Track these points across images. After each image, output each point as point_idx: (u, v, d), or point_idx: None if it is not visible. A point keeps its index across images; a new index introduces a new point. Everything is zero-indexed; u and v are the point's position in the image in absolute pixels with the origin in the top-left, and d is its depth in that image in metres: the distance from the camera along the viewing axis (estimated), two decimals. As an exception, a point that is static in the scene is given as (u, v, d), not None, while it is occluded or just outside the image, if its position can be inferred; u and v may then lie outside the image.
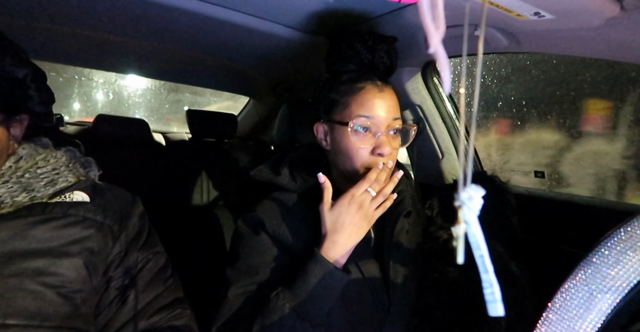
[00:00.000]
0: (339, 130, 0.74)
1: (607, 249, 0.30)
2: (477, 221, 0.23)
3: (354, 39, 0.77)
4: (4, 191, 0.57)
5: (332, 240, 0.66)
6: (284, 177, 0.79)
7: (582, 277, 0.30)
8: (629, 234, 0.30)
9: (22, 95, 0.63)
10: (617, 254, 0.29)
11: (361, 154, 0.72)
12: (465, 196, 0.23)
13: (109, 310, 0.63)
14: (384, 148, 0.71)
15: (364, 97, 0.72)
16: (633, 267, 0.28)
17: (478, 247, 0.23)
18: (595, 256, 0.30)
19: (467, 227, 0.23)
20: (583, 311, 0.29)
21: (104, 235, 0.63)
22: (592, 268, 0.30)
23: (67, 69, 2.66)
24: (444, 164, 1.18)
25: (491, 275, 0.24)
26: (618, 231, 0.31)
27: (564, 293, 0.30)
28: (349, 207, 0.66)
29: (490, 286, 0.24)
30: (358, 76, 0.75)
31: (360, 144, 0.71)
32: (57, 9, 0.97)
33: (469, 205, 0.23)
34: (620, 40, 0.66)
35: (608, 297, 0.28)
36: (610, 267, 0.29)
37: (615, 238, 0.31)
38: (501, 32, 0.79)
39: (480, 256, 0.23)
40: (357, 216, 0.67)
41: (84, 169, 0.67)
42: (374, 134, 0.72)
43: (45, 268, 0.57)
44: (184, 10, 0.91)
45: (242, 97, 2.15)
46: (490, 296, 0.24)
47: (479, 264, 0.24)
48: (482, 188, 0.23)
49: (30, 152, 0.63)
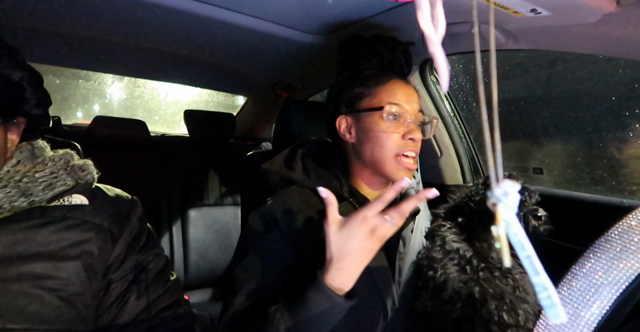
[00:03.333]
0: (368, 118, 0.76)
1: (609, 242, 0.30)
2: (517, 218, 0.20)
3: (375, 41, 0.80)
4: (2, 196, 0.56)
5: (337, 267, 0.58)
6: (298, 172, 0.78)
7: (585, 269, 0.30)
8: (625, 231, 0.30)
9: (18, 98, 0.63)
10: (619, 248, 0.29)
11: (393, 138, 0.74)
12: (500, 192, 0.20)
13: (109, 312, 0.63)
14: (415, 133, 0.73)
15: (393, 86, 0.76)
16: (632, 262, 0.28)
17: (523, 247, 0.20)
18: (598, 248, 0.30)
19: (506, 226, 0.20)
20: (588, 298, 0.28)
21: (103, 238, 0.63)
22: (593, 260, 0.30)
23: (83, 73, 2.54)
24: (442, 161, 1.18)
25: (543, 277, 0.21)
26: (618, 225, 0.31)
27: (566, 284, 0.30)
28: (359, 231, 0.57)
29: (544, 289, 0.21)
30: (382, 71, 0.79)
31: (392, 128, 0.73)
32: (56, 11, 0.96)
33: (506, 202, 0.20)
34: (617, 36, 0.66)
35: (609, 289, 0.28)
36: (615, 258, 0.29)
37: (614, 233, 0.31)
38: (498, 29, 0.79)
39: (527, 257, 0.20)
40: (368, 241, 0.57)
41: (82, 172, 0.67)
42: (405, 121, 0.75)
43: (45, 272, 0.56)
44: (181, 11, 0.91)
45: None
46: (547, 301, 0.21)
47: (526, 266, 0.21)
48: (517, 183, 0.21)
49: (28, 156, 0.63)
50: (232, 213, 1.77)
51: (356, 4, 0.85)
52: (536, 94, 1.42)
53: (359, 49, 0.81)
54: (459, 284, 0.68)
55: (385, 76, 0.77)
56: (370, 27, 0.93)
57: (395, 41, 0.81)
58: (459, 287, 0.68)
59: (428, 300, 0.69)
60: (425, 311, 0.69)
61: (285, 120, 1.07)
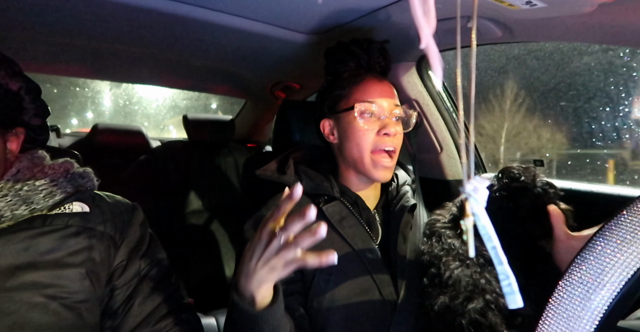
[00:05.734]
0: (345, 118, 0.79)
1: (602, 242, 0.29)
2: (485, 212, 0.22)
3: (351, 44, 0.83)
4: (3, 205, 0.57)
5: (241, 287, 0.53)
6: (290, 176, 0.81)
7: (577, 274, 0.29)
8: (621, 225, 0.29)
9: (17, 108, 0.63)
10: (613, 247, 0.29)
11: (368, 135, 0.76)
12: (470, 188, 0.22)
13: (114, 319, 0.63)
14: (389, 128, 0.75)
15: (365, 85, 0.78)
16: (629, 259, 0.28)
17: (490, 239, 0.22)
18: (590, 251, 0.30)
19: (475, 219, 0.22)
20: (599, 282, 0.28)
21: (105, 244, 0.63)
22: (603, 244, 0.29)
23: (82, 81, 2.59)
24: (443, 157, 1.18)
25: (506, 267, 0.23)
26: (609, 224, 0.30)
27: (576, 267, 0.30)
28: (250, 263, 0.50)
29: (506, 277, 0.23)
30: (358, 71, 0.82)
31: (366, 125, 0.76)
32: (52, 20, 0.96)
33: (475, 197, 0.22)
34: (614, 25, 0.66)
35: (620, 271, 0.28)
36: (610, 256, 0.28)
37: (607, 232, 0.30)
38: (494, 22, 0.79)
39: (492, 248, 0.22)
40: (263, 272, 0.49)
41: (82, 179, 0.67)
42: (378, 118, 0.77)
43: (49, 280, 0.57)
44: (177, 16, 0.91)
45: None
46: (508, 288, 0.23)
47: (492, 256, 0.23)
48: (486, 179, 0.22)
49: (28, 165, 0.63)
50: (233, 217, 1.77)
51: (349, 3, 0.85)
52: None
53: (337, 54, 0.84)
54: (464, 278, 0.68)
55: (359, 76, 0.80)
56: (364, 25, 0.93)
57: (370, 41, 0.83)
58: (465, 281, 0.68)
59: (437, 297, 0.69)
60: (435, 308, 0.68)
61: (284, 121, 1.07)
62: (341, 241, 0.74)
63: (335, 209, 0.77)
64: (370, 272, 0.72)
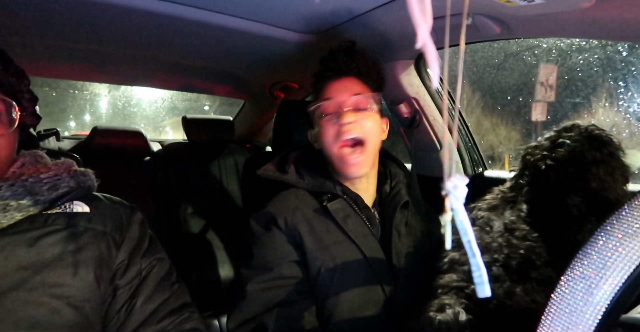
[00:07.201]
0: (317, 122, 0.81)
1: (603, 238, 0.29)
2: (464, 208, 0.24)
3: (334, 49, 0.83)
4: (9, 194, 0.58)
5: None
6: (291, 174, 0.82)
7: (580, 269, 0.29)
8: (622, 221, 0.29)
9: (17, 89, 0.63)
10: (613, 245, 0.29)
11: (330, 132, 0.77)
12: (450, 185, 0.24)
13: (117, 318, 0.64)
14: (342, 118, 0.74)
15: (326, 85, 0.81)
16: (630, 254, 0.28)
17: (465, 233, 0.24)
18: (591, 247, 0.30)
19: (454, 214, 0.24)
20: (601, 276, 0.28)
21: (106, 244, 0.64)
22: (605, 239, 0.29)
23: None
24: (442, 155, 1.18)
25: (478, 259, 0.25)
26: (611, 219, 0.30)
27: (578, 262, 0.30)
28: None
29: (478, 269, 0.25)
30: (324, 74, 0.83)
31: (330, 123, 0.77)
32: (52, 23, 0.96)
33: (455, 193, 0.24)
34: (612, 20, 0.66)
35: (622, 266, 0.28)
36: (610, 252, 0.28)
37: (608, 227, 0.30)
38: (492, 19, 0.78)
39: (467, 242, 0.24)
40: None
41: (83, 177, 0.68)
42: (337, 113, 0.77)
43: (52, 280, 0.57)
44: (175, 17, 0.91)
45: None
46: (479, 279, 0.25)
47: (466, 248, 0.25)
48: (465, 177, 0.24)
49: (32, 161, 0.65)
50: (234, 217, 1.77)
51: (346, 2, 0.85)
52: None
53: (323, 61, 0.86)
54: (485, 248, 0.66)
55: (324, 79, 0.82)
56: (361, 24, 0.93)
57: (352, 42, 0.84)
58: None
59: (462, 280, 0.66)
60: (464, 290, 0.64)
61: (283, 121, 1.07)
62: (346, 238, 0.76)
63: (339, 206, 0.78)
64: (374, 269, 0.74)
